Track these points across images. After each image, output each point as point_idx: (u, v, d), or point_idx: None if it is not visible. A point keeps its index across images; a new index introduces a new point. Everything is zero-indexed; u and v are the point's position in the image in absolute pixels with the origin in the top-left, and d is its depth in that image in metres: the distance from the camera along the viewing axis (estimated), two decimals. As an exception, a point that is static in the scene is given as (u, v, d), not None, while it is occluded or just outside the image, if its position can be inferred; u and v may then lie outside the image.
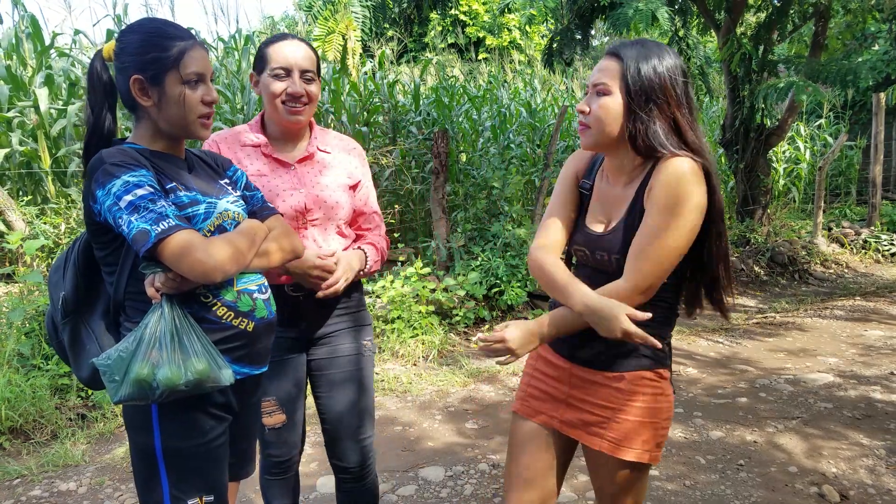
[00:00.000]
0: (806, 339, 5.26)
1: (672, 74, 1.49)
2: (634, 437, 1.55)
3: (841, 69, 6.48)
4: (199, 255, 1.37)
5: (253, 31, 9.27)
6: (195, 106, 1.49)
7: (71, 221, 4.89)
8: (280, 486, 2.06)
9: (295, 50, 1.85)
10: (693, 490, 2.88)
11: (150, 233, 1.34)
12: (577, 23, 7.35)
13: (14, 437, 3.46)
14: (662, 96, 1.48)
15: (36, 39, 6.50)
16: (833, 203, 10.74)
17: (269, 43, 1.88)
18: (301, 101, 1.86)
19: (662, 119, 1.48)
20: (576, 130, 8.84)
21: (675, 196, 1.42)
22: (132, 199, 1.36)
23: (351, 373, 1.99)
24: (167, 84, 1.47)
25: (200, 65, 1.50)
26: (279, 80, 1.84)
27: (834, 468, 3.07)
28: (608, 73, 1.50)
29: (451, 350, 5.00)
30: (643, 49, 1.50)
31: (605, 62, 1.52)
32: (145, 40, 1.48)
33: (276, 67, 1.83)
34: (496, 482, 2.99)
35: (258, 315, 1.56)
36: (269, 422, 1.95)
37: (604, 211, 1.62)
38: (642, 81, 1.47)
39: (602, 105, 1.50)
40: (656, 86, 1.47)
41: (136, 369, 1.35)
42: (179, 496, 1.49)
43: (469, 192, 6.58)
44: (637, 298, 1.47)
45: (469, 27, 18.11)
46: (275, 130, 1.94)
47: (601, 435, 1.57)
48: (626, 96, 1.48)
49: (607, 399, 1.57)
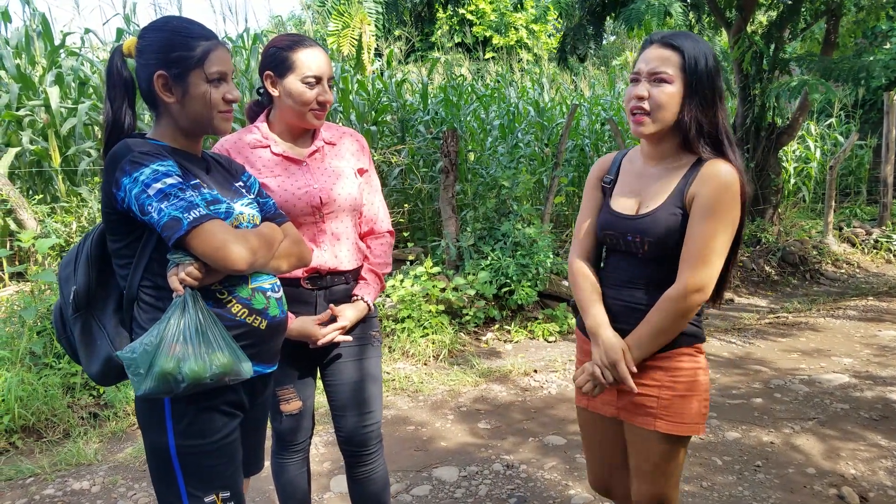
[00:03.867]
0: (819, 340, 5.22)
1: (717, 69, 1.57)
2: (681, 412, 1.63)
3: (853, 67, 6.42)
4: (230, 246, 1.38)
5: (261, 30, 9.27)
6: (218, 104, 1.51)
7: (82, 220, 4.89)
8: (295, 467, 2.13)
9: (323, 58, 1.89)
10: (711, 491, 2.85)
11: (182, 220, 1.34)
12: (590, 19, 7.32)
13: (27, 435, 3.46)
14: (711, 89, 1.56)
15: (46, 39, 6.52)
16: (843, 202, 10.67)
17: (291, 48, 1.87)
18: (326, 107, 1.91)
19: (710, 111, 1.57)
20: (584, 130, 8.82)
21: (725, 203, 1.53)
22: (162, 186, 1.36)
23: (359, 359, 2.05)
24: (191, 82, 1.48)
25: (224, 64, 1.51)
26: (311, 88, 1.86)
27: (853, 469, 3.03)
28: (668, 63, 1.55)
29: (461, 350, 4.98)
30: (696, 42, 1.57)
31: (661, 51, 1.56)
32: (170, 38, 1.48)
33: (308, 75, 1.85)
34: (511, 483, 2.97)
35: (271, 313, 1.58)
36: (288, 408, 2.01)
37: (635, 193, 1.68)
38: (699, 74, 1.54)
39: (665, 92, 1.55)
40: (709, 79, 1.55)
41: (161, 363, 1.34)
42: (196, 494, 1.49)
43: (478, 192, 6.56)
44: (696, 297, 1.55)
45: (476, 26, 18.09)
46: (284, 129, 1.96)
47: (650, 413, 1.65)
48: (685, 87, 1.55)
49: (653, 378, 1.64)
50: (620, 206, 1.68)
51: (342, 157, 2.02)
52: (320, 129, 2.01)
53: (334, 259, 1.96)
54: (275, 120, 1.96)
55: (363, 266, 2.08)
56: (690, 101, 1.54)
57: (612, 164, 1.78)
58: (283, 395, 2.00)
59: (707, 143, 1.58)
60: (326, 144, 2.01)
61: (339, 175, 1.97)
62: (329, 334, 1.93)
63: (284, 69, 1.86)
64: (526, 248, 5.60)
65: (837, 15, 7.46)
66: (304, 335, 1.91)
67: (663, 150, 1.63)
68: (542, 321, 5.49)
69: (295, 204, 1.88)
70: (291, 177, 1.91)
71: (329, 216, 1.94)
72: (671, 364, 1.63)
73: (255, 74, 7.33)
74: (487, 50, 17.66)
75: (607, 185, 1.75)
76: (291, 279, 1.92)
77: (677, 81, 1.54)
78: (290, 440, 2.08)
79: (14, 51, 6.41)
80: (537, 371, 4.50)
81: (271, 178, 1.89)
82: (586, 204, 1.81)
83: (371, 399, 2.06)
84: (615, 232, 1.66)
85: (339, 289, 2.00)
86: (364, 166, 2.07)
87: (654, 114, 1.56)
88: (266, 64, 1.90)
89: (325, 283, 1.97)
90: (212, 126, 1.53)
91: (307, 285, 1.95)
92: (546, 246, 5.59)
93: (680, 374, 1.63)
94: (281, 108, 1.92)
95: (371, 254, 2.10)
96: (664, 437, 1.64)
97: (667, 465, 1.68)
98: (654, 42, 1.59)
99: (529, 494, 2.86)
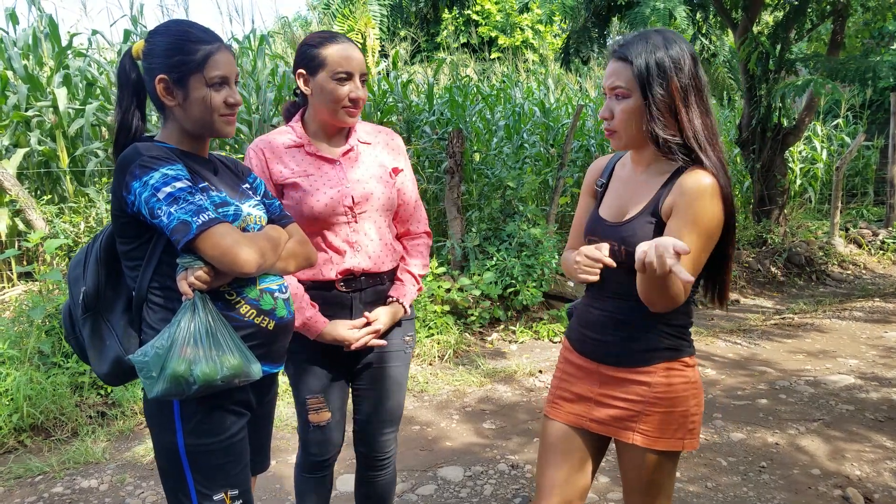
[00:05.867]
0: (825, 341, 5.21)
1: (678, 66, 1.50)
2: (667, 427, 1.58)
3: (860, 67, 6.40)
4: (238, 249, 1.40)
5: (268, 31, 9.30)
6: (218, 108, 1.51)
7: (90, 220, 4.92)
8: (316, 483, 2.08)
9: (355, 53, 1.85)
10: (715, 492, 2.86)
11: (191, 224, 1.36)
12: (594, 21, 7.31)
13: (35, 434, 3.49)
14: (668, 93, 1.49)
15: (54, 40, 6.55)
16: (850, 203, 10.64)
17: (322, 44, 1.84)
18: (359, 104, 1.87)
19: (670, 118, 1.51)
20: (590, 130, 8.82)
21: (700, 212, 1.47)
22: (171, 190, 1.38)
23: (393, 368, 2.04)
24: (191, 86, 1.49)
25: (225, 68, 1.51)
26: (342, 84, 1.83)
27: (858, 471, 3.03)
28: (622, 76, 1.52)
29: (466, 350, 5.00)
30: (647, 44, 1.51)
31: (615, 65, 1.53)
32: (172, 43, 1.50)
33: (339, 72, 1.82)
34: (516, 483, 2.98)
35: (278, 314, 1.60)
36: (315, 419, 1.96)
37: (620, 201, 1.64)
38: (651, 82, 1.49)
39: (623, 109, 1.53)
40: (664, 84, 1.49)
41: (173, 366, 1.36)
42: (205, 492, 1.51)
43: (483, 192, 6.57)
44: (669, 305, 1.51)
45: (481, 27, 18.09)
46: (318, 129, 1.93)
47: (634, 429, 1.60)
48: (643, 97, 1.50)
49: (638, 393, 1.60)
50: (606, 212, 1.65)
51: (377, 156, 1.99)
52: (355, 128, 1.98)
53: (368, 260, 1.93)
54: (309, 119, 1.94)
55: (399, 267, 2.05)
56: (654, 106, 1.49)
57: (605, 167, 1.76)
58: (313, 404, 1.95)
59: (678, 151, 1.52)
60: (361, 143, 1.97)
61: (373, 174, 1.94)
62: (363, 338, 1.91)
63: (316, 66, 1.84)
64: (531, 248, 5.60)
65: (844, 15, 7.44)
66: (338, 339, 1.89)
67: (647, 156, 1.60)
68: (548, 322, 5.49)
69: (327, 203, 1.85)
70: (324, 176, 1.89)
71: (362, 216, 1.91)
72: (655, 379, 1.58)
73: (261, 75, 7.36)
74: (493, 50, 17.66)
75: (599, 188, 1.73)
76: (326, 282, 1.89)
77: (634, 94, 1.50)
78: (317, 454, 2.02)
79: (22, 52, 6.45)
80: (542, 371, 4.50)
81: (304, 177, 1.87)
82: (579, 206, 1.80)
83: (396, 407, 2.06)
84: (598, 238, 1.62)
85: (374, 290, 1.97)
86: (400, 165, 2.03)
87: (618, 132, 1.55)
88: (299, 62, 1.88)
89: (360, 284, 1.94)
90: (214, 129, 1.54)
91: (342, 288, 1.92)
92: (551, 246, 5.60)
93: (664, 390, 1.58)
94: (314, 106, 1.90)
95: (407, 255, 2.07)
96: (649, 451, 1.60)
97: (655, 480, 1.63)
98: (612, 54, 1.56)
99: (535, 494, 2.87)
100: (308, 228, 1.85)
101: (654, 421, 1.58)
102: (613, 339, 1.61)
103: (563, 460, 1.69)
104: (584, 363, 1.69)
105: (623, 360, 1.61)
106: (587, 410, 1.67)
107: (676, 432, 1.59)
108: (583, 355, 1.69)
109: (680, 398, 1.59)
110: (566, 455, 1.69)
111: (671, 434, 1.59)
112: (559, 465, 1.69)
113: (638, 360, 1.60)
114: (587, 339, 1.67)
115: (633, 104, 1.51)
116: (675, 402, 1.59)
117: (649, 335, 1.58)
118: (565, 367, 1.75)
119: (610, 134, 1.58)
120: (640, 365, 1.59)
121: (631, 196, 1.62)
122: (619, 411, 1.62)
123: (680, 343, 1.61)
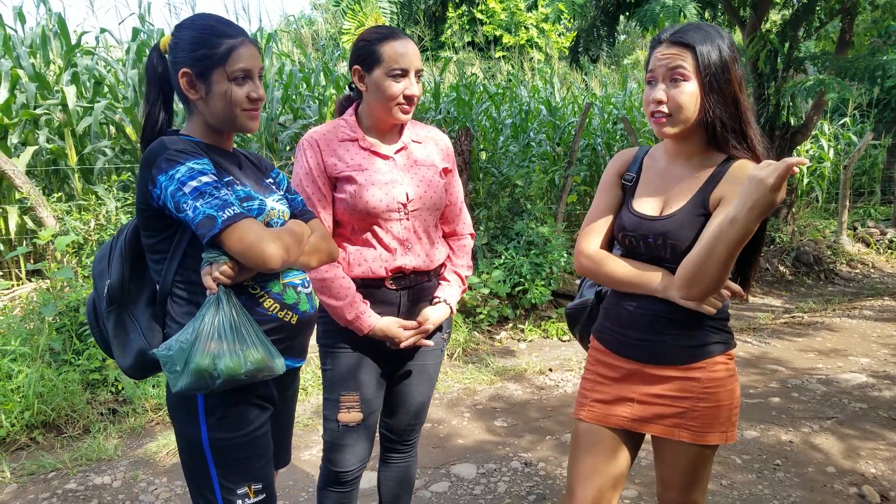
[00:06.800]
0: (836, 340, 5.19)
1: (734, 56, 1.50)
2: (714, 421, 1.58)
3: (869, 66, 6.38)
4: (263, 244, 1.39)
5: (274, 29, 9.30)
6: (240, 102, 1.51)
7: (100, 218, 4.92)
8: (338, 499, 2.02)
9: (411, 50, 1.82)
10: (731, 490, 2.85)
11: (216, 219, 1.36)
12: (603, 19, 7.29)
13: (47, 431, 3.49)
14: (728, 82, 1.49)
15: (62, 38, 6.56)
16: (857, 202, 10.60)
17: (379, 40, 1.82)
18: (413, 101, 1.86)
19: (731, 105, 1.50)
20: (595, 129, 8.80)
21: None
22: (197, 185, 1.37)
23: (429, 365, 2.06)
24: (213, 80, 1.48)
25: (248, 62, 1.50)
26: (396, 82, 1.81)
27: (873, 469, 3.02)
28: (681, 61, 1.49)
29: (475, 348, 4.99)
30: (706, 33, 1.50)
31: (672, 49, 1.50)
32: (196, 37, 1.49)
33: (395, 68, 1.80)
34: (530, 480, 2.97)
35: (301, 308, 1.60)
36: (346, 418, 1.93)
37: (658, 192, 1.61)
38: (713, 69, 1.48)
39: (683, 92, 1.49)
40: (725, 71, 1.49)
41: (197, 360, 1.35)
42: (229, 486, 1.51)
43: (491, 191, 6.55)
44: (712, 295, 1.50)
45: (486, 25, 18.07)
46: (371, 124, 1.92)
47: (681, 425, 1.59)
48: (701, 83, 1.49)
49: (685, 390, 1.58)
50: (642, 207, 1.60)
51: (428, 155, 1.98)
52: (406, 126, 1.97)
53: (417, 258, 1.93)
54: (363, 114, 1.92)
55: (445, 266, 2.06)
56: (709, 98, 1.48)
57: (633, 161, 1.69)
58: (346, 401, 1.92)
59: (735, 140, 1.51)
60: (413, 143, 1.97)
61: (426, 173, 1.94)
62: (412, 337, 1.92)
63: (372, 62, 1.82)
64: (539, 246, 5.59)
65: (852, 14, 7.41)
66: (388, 336, 1.88)
67: (690, 148, 1.57)
68: (556, 320, 5.48)
69: (381, 199, 1.84)
70: (378, 172, 1.87)
71: (414, 213, 1.90)
72: (705, 374, 1.57)
73: (268, 74, 7.35)
74: (497, 49, 17.64)
75: (628, 182, 1.67)
76: (375, 279, 1.89)
77: (693, 79, 1.48)
78: (339, 463, 1.94)
79: (30, 50, 6.46)
80: (552, 370, 4.49)
81: (359, 171, 1.85)
82: (602, 199, 1.69)
83: (426, 402, 2.09)
84: (636, 234, 1.58)
85: (421, 288, 1.97)
86: (449, 166, 2.03)
87: (674, 116, 1.51)
88: (355, 58, 1.85)
89: (408, 282, 1.94)
90: (236, 124, 1.53)
91: (391, 285, 1.91)
92: (559, 245, 5.59)
93: (712, 384, 1.58)
94: (369, 103, 1.88)
95: (454, 255, 2.08)
96: (694, 446, 1.59)
97: (696, 474, 1.63)
98: (664, 41, 1.53)
99: (549, 492, 2.86)
100: (360, 223, 1.86)
101: (701, 416, 1.58)
102: (662, 338, 1.57)
103: (598, 457, 1.67)
104: (623, 364, 1.64)
105: (674, 358, 1.58)
106: (628, 411, 1.64)
107: (721, 426, 1.59)
108: (622, 356, 1.64)
109: (726, 391, 1.59)
110: (602, 453, 1.67)
111: (716, 428, 1.58)
112: (595, 461, 1.67)
113: (690, 357, 1.58)
114: (628, 341, 1.62)
115: (692, 89, 1.49)
116: (722, 396, 1.58)
117: (700, 331, 1.56)
118: (598, 369, 1.70)
119: (661, 119, 1.51)
120: (692, 361, 1.57)
121: (672, 189, 1.58)
122: (665, 409, 1.60)
123: (726, 336, 1.61)
